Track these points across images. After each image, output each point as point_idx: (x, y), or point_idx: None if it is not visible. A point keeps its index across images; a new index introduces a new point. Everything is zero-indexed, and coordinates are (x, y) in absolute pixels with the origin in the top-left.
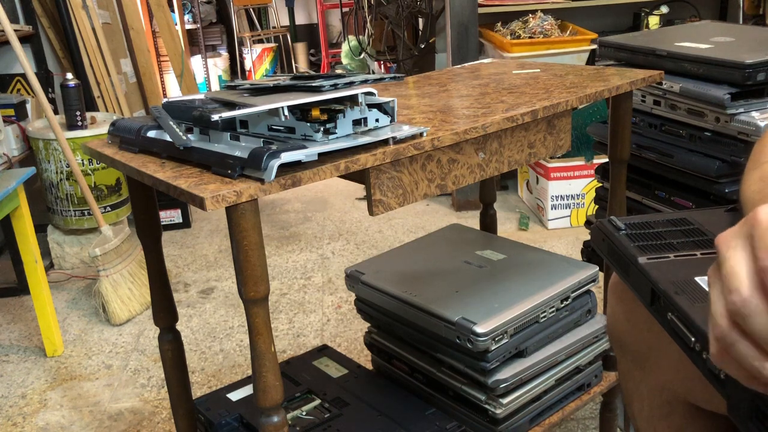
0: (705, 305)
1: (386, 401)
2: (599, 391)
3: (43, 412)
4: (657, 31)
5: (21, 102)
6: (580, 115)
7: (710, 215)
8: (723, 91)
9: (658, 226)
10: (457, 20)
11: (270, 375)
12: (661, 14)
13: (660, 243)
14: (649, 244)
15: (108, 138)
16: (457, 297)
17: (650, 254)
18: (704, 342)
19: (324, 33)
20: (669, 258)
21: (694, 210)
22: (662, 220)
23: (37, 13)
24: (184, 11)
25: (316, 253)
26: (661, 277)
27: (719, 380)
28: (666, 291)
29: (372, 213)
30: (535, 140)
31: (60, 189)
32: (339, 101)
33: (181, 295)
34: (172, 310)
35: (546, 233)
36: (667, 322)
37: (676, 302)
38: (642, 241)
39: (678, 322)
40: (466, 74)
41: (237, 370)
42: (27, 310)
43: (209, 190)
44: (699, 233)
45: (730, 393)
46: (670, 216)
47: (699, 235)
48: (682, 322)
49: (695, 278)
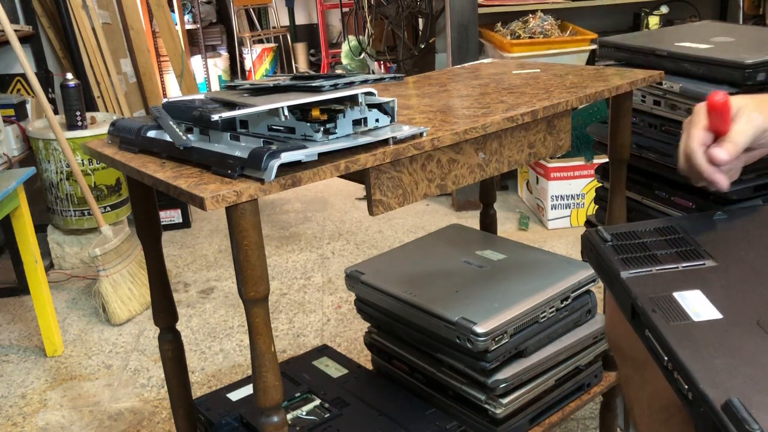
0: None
1: (386, 401)
2: (599, 391)
3: (43, 412)
4: (657, 31)
5: (21, 102)
6: (580, 115)
7: (697, 223)
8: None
9: (645, 236)
10: (457, 20)
11: (270, 375)
12: (661, 14)
13: (644, 255)
14: (633, 257)
15: (108, 138)
16: (457, 297)
17: (632, 268)
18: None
19: (324, 33)
20: (651, 272)
21: (684, 217)
22: (650, 229)
23: (37, 13)
24: (184, 11)
25: (316, 253)
26: (640, 292)
27: (687, 400)
28: (644, 309)
29: (372, 213)
30: (535, 140)
31: (60, 189)
32: (339, 101)
33: (181, 295)
34: (172, 310)
35: (546, 233)
36: (645, 339)
37: (652, 321)
38: (626, 253)
39: (653, 340)
40: (466, 74)
41: (237, 370)
42: (27, 310)
43: (209, 190)
44: (684, 243)
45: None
46: (659, 224)
47: (684, 245)
48: (657, 341)
49: (674, 293)
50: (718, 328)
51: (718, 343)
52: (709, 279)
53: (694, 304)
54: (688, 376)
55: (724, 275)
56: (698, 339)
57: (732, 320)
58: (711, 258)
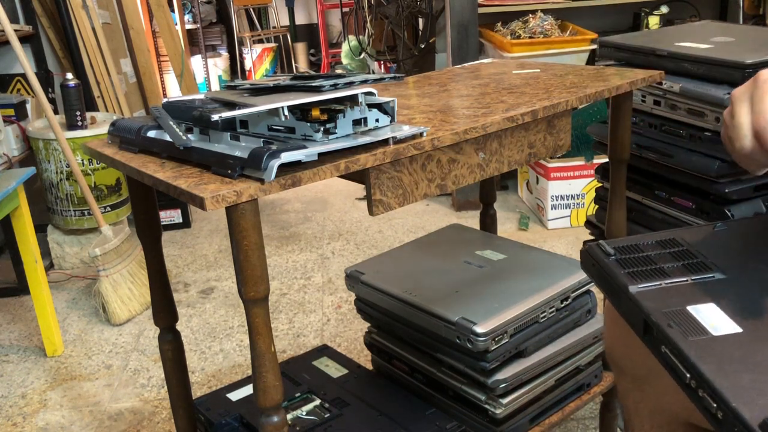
0: (698, 339)
1: (386, 401)
2: (599, 391)
3: (43, 412)
4: (657, 31)
5: (21, 102)
6: (580, 115)
7: (698, 234)
8: (723, 91)
9: (648, 249)
10: (457, 20)
11: (270, 375)
12: (661, 14)
13: (650, 269)
14: (640, 270)
15: (108, 138)
16: (457, 297)
17: (641, 282)
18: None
19: (324, 33)
20: (660, 285)
21: (683, 229)
22: (652, 242)
23: (37, 13)
24: (184, 11)
25: (316, 253)
26: (652, 307)
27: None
28: (659, 324)
29: (372, 213)
30: (535, 140)
31: (60, 189)
32: (339, 101)
33: (181, 295)
34: (172, 310)
35: (546, 233)
36: (661, 355)
37: (670, 337)
38: (632, 267)
39: (672, 356)
40: (466, 74)
41: (237, 370)
42: (27, 310)
43: (209, 190)
44: (689, 255)
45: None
46: (660, 237)
47: (689, 258)
48: (676, 357)
49: (687, 307)
50: (739, 342)
51: (742, 358)
52: (721, 292)
53: (710, 317)
54: (717, 394)
55: (735, 287)
56: (721, 354)
57: (752, 334)
58: (719, 270)
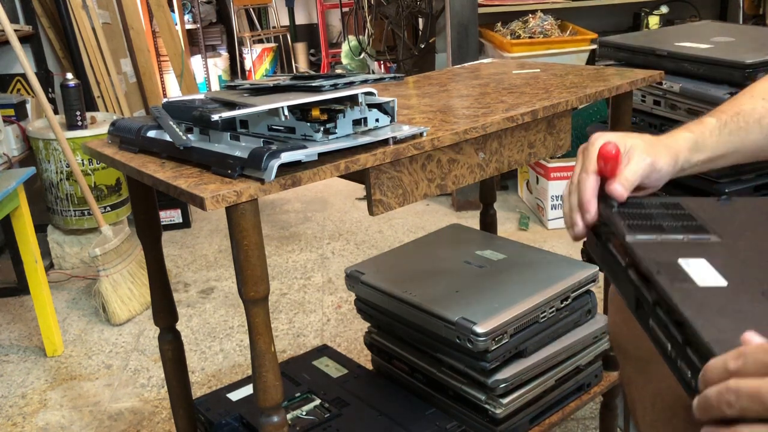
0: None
1: (386, 401)
2: (599, 391)
3: (43, 412)
4: (657, 31)
5: (21, 102)
6: (580, 115)
7: (702, 203)
8: (723, 91)
9: (651, 208)
10: (457, 20)
11: (270, 375)
12: (661, 14)
13: (650, 224)
14: (639, 224)
15: (108, 138)
16: (457, 297)
17: (639, 234)
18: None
19: (324, 33)
20: (656, 239)
21: (689, 198)
22: (656, 202)
23: (37, 13)
24: (184, 11)
25: (316, 253)
26: (645, 256)
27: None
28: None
29: (372, 213)
30: (535, 140)
31: (60, 189)
32: (339, 101)
33: (181, 295)
34: (172, 310)
35: (546, 233)
36: (649, 329)
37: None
38: (632, 219)
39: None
40: (466, 74)
41: (237, 370)
42: (27, 310)
43: (209, 190)
44: (689, 218)
45: None
46: (665, 199)
47: (689, 220)
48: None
49: (678, 260)
50: (723, 293)
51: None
52: (714, 251)
53: (699, 271)
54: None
55: (728, 250)
56: (702, 301)
57: (737, 288)
58: (716, 234)
